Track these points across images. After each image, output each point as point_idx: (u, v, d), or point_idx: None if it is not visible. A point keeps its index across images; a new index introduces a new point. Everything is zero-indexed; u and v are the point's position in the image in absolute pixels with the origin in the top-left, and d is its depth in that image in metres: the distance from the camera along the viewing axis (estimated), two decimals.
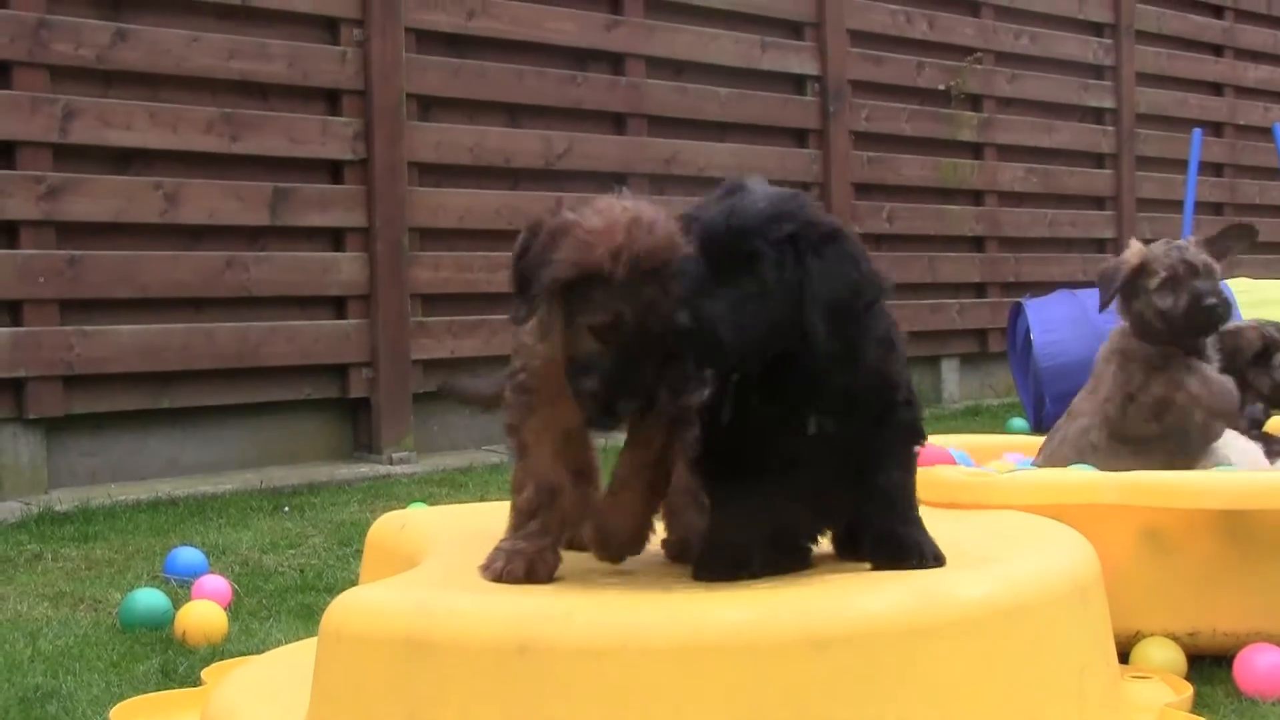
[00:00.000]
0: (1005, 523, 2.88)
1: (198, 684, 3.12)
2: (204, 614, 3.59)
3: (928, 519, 2.48)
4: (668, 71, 7.83)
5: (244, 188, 6.22)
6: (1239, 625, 3.12)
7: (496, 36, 7.08)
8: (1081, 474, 3.38)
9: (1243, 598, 3.13)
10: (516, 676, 2.13)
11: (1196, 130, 8.37)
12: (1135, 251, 3.88)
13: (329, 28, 6.57)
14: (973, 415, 8.40)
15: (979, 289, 9.42)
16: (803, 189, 2.80)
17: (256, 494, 5.74)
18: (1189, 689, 2.88)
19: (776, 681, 2.11)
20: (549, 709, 2.12)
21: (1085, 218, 10.17)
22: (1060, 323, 6.66)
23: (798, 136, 8.49)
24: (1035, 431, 6.37)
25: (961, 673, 2.24)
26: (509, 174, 7.14)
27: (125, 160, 5.95)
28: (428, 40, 6.86)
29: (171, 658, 3.40)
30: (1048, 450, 4.04)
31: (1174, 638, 3.11)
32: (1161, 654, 3.06)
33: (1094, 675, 2.50)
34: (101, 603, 4.01)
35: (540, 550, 2.43)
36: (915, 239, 8.97)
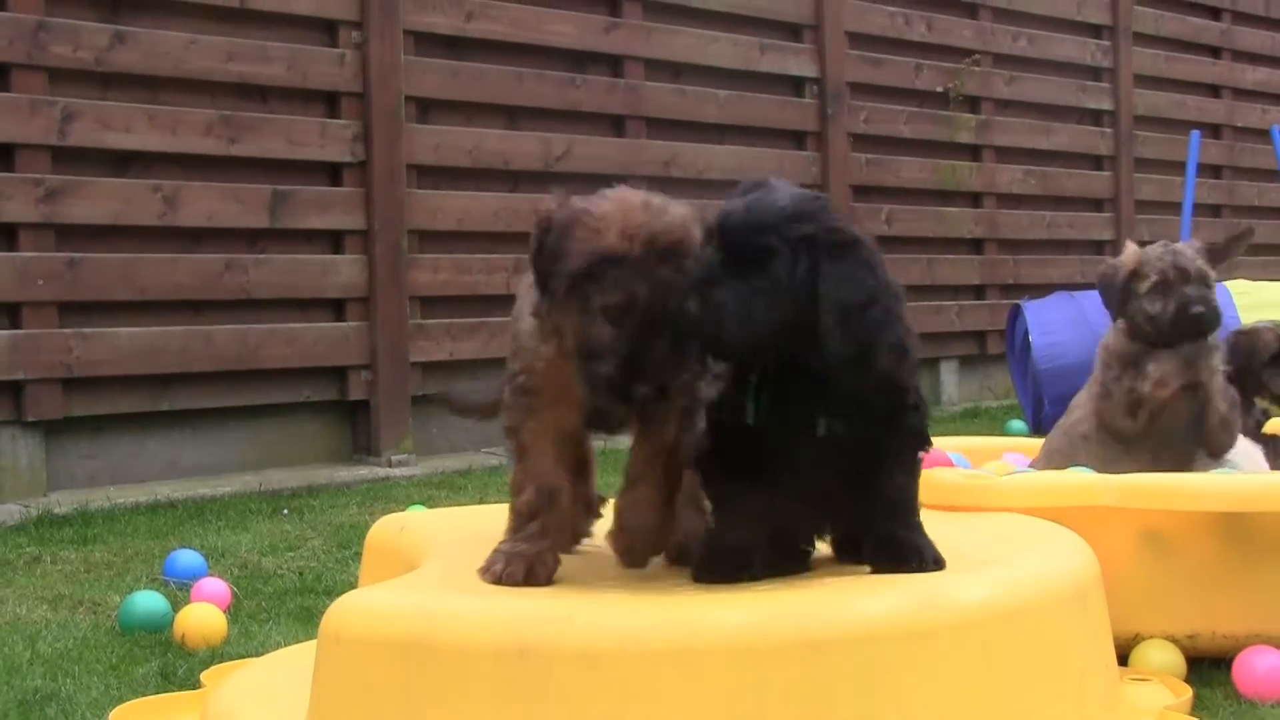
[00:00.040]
0: (1005, 525, 2.88)
1: (197, 686, 3.12)
2: (203, 616, 3.59)
3: (927, 521, 2.48)
4: (666, 74, 7.83)
5: (243, 190, 6.21)
6: (1238, 627, 3.12)
7: (495, 39, 7.08)
8: (1081, 476, 3.38)
9: (1242, 600, 3.13)
10: (516, 679, 2.13)
11: (1194, 132, 8.37)
12: (1130, 254, 3.88)
13: (328, 30, 6.57)
14: (971, 417, 8.40)
15: (978, 291, 9.42)
16: None
17: (256, 496, 5.74)
18: (1188, 691, 2.88)
19: (776, 684, 2.11)
20: (548, 712, 2.12)
21: (1084, 219, 10.18)
22: (1059, 325, 6.66)
23: (796, 138, 8.49)
24: (1034, 433, 6.37)
25: (961, 675, 2.24)
26: (508, 176, 7.13)
27: (124, 162, 5.95)
28: (426, 42, 6.86)
29: (171, 660, 3.40)
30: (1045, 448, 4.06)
31: (1173, 640, 3.10)
32: (1161, 656, 3.06)
33: (1093, 677, 2.51)
34: (101, 605, 4.00)
35: (540, 553, 2.43)
36: (914, 241, 8.96)
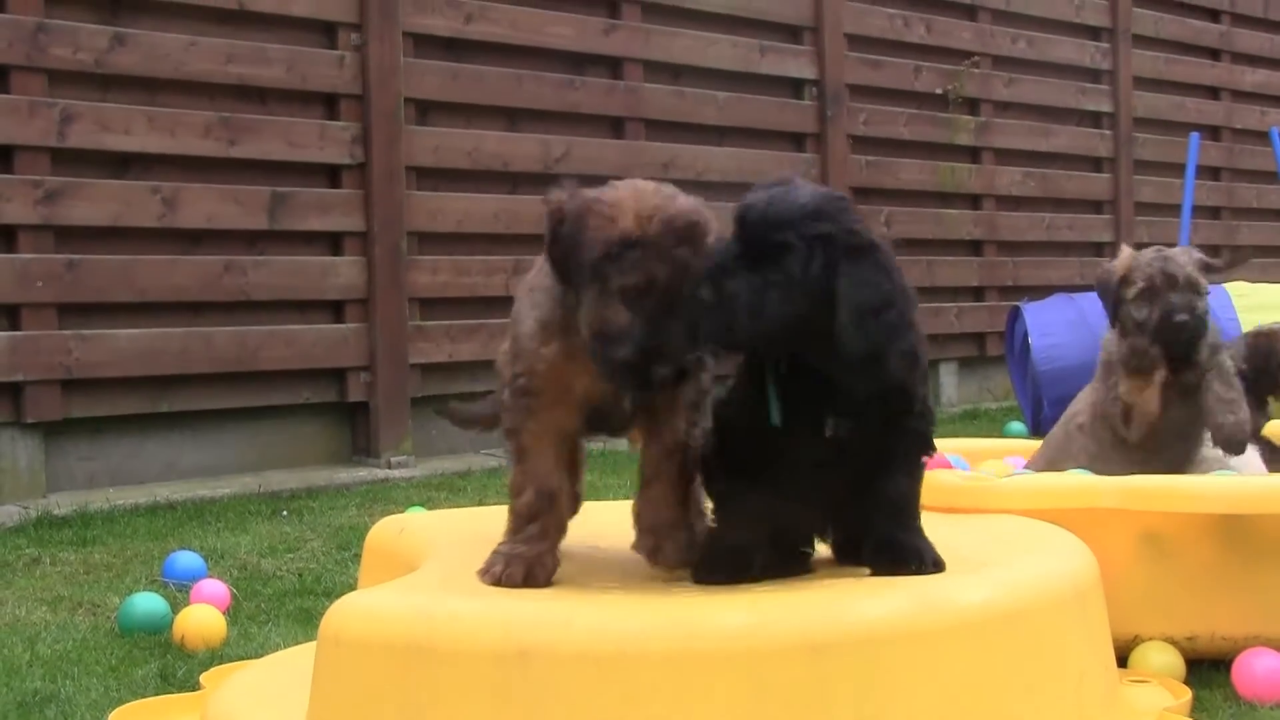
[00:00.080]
0: (1004, 527, 2.88)
1: (196, 688, 3.12)
2: (202, 618, 3.59)
3: (927, 523, 2.48)
4: (666, 75, 7.83)
5: (242, 192, 6.21)
6: (1237, 629, 3.12)
7: (494, 41, 7.08)
8: (1080, 478, 3.39)
9: (1241, 602, 3.13)
10: (516, 681, 2.13)
11: (1194, 134, 8.38)
12: (1122, 259, 3.88)
13: (327, 32, 6.57)
14: (971, 419, 8.40)
15: (977, 293, 9.43)
16: None
17: (255, 498, 5.74)
18: (1187, 693, 2.89)
19: (776, 686, 2.11)
20: (548, 714, 2.12)
21: (1083, 221, 10.18)
22: (1058, 326, 6.66)
23: (795, 140, 8.49)
24: (1033, 435, 6.38)
25: (960, 677, 2.24)
26: (507, 178, 7.13)
27: (123, 164, 5.95)
28: (426, 44, 6.86)
29: (170, 662, 3.40)
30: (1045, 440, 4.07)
31: (1172, 642, 3.11)
32: (1160, 658, 3.07)
33: (1092, 679, 2.51)
34: (100, 607, 4.00)
35: (539, 554, 2.43)
36: (913, 243, 8.96)
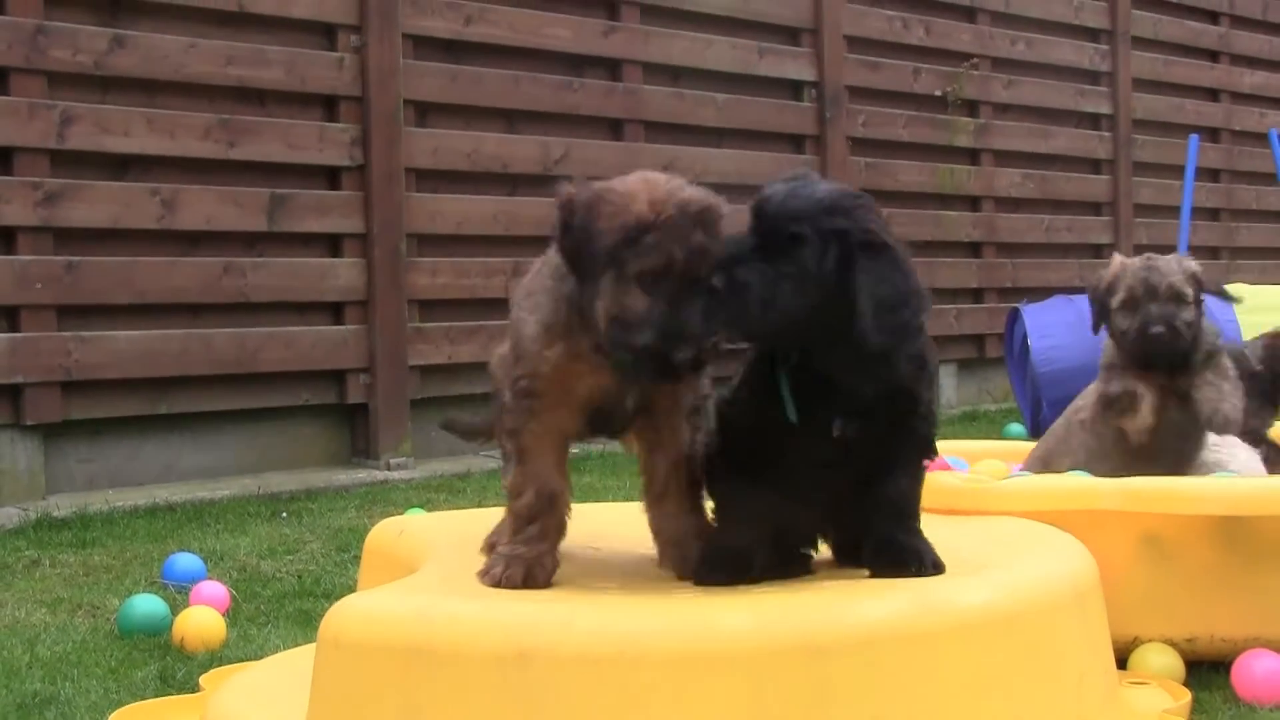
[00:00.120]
0: (1004, 529, 2.88)
1: (196, 690, 3.12)
2: (202, 620, 3.59)
3: (927, 525, 2.48)
4: (665, 77, 7.83)
5: (241, 193, 6.21)
6: (1237, 631, 3.12)
7: (493, 42, 7.08)
8: (1081, 480, 3.39)
9: (1241, 603, 3.13)
10: (516, 683, 2.13)
11: (1193, 136, 8.38)
12: (1112, 267, 3.87)
13: (326, 34, 6.57)
14: (970, 420, 8.40)
15: (976, 294, 9.43)
16: None
17: (254, 500, 5.73)
18: (1187, 695, 2.89)
19: (776, 688, 2.11)
20: (548, 716, 2.12)
21: (1082, 223, 10.18)
22: (1057, 328, 6.66)
23: (795, 142, 8.49)
24: (1032, 436, 6.37)
25: (960, 679, 2.24)
26: (506, 180, 7.13)
27: (123, 166, 5.95)
28: (425, 46, 6.86)
29: (170, 664, 3.40)
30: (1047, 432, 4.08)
31: (1172, 643, 3.11)
32: (1160, 660, 3.07)
33: (1092, 681, 2.51)
34: (99, 609, 4.00)
35: (539, 555, 2.43)
36: (912, 244, 8.70)
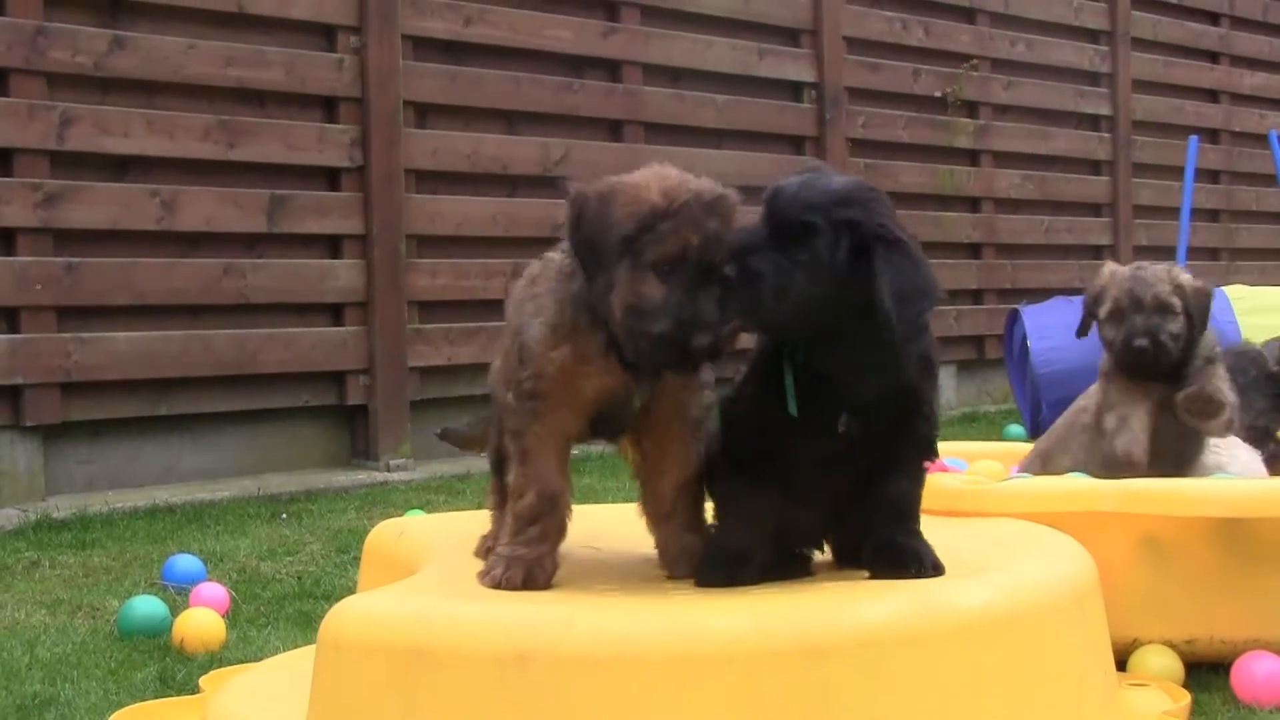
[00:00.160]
0: (1004, 531, 2.88)
1: (196, 692, 3.12)
2: (202, 621, 3.59)
3: (926, 527, 2.48)
4: (665, 78, 7.83)
5: (241, 195, 6.21)
6: (1236, 633, 3.12)
7: (493, 44, 7.08)
8: (1080, 482, 3.39)
9: (1240, 605, 3.13)
10: (515, 685, 2.13)
11: (1193, 137, 8.38)
12: (1102, 275, 3.86)
13: (326, 35, 6.57)
14: (970, 422, 8.40)
15: (976, 295, 9.43)
16: None
17: (254, 501, 5.73)
18: (1186, 697, 2.89)
19: (776, 689, 2.11)
20: (548, 717, 2.12)
21: (1082, 224, 10.18)
22: (1057, 329, 6.64)
23: (794, 143, 8.49)
24: (1032, 438, 6.36)
25: (960, 681, 2.24)
26: (506, 181, 7.13)
27: (122, 167, 5.95)
28: (425, 47, 6.86)
29: (169, 665, 3.40)
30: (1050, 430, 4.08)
31: (1172, 645, 3.11)
32: (1159, 661, 3.07)
33: (1091, 683, 2.51)
34: (99, 610, 4.00)
35: (539, 557, 2.43)
36: None
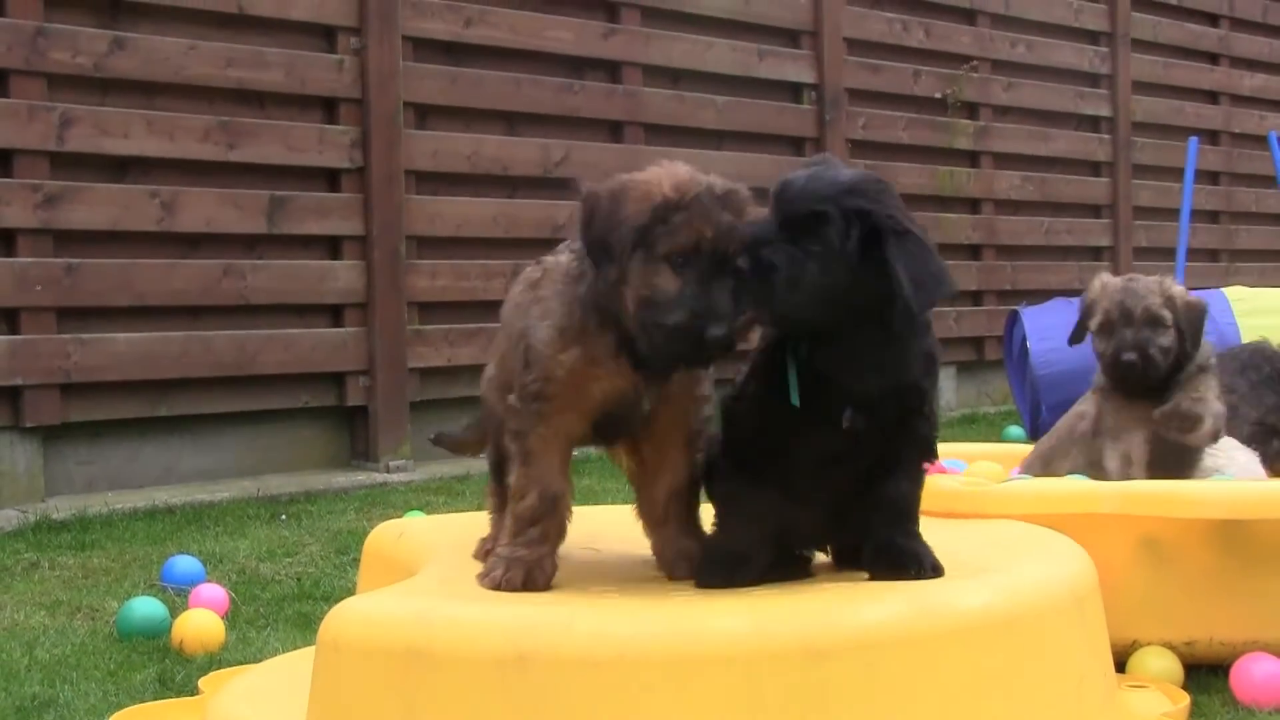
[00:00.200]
0: (1003, 533, 2.88)
1: (195, 693, 3.12)
2: (201, 623, 3.59)
3: (926, 528, 2.48)
4: (665, 80, 7.83)
5: (241, 196, 6.21)
6: (1236, 634, 3.12)
7: (494, 45, 7.08)
8: (1079, 484, 3.39)
9: (1240, 607, 3.14)
10: (515, 686, 2.13)
11: (1193, 139, 8.38)
12: (1093, 288, 3.85)
13: (326, 36, 6.57)
14: (969, 423, 8.40)
15: (975, 297, 9.42)
16: None
17: (253, 502, 5.73)
18: (1186, 698, 2.89)
19: (775, 691, 2.11)
20: (548, 718, 2.12)
21: (1082, 226, 10.18)
22: (1057, 331, 6.63)
23: (794, 145, 8.48)
24: (1031, 439, 6.37)
25: (959, 683, 2.24)
26: (506, 182, 7.13)
27: (122, 168, 5.95)
28: (425, 48, 6.86)
29: (169, 667, 3.40)
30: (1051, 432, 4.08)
31: (1171, 647, 3.11)
32: (1159, 663, 3.07)
33: (1091, 684, 2.51)
34: (98, 611, 4.00)
35: (539, 559, 2.43)
36: None
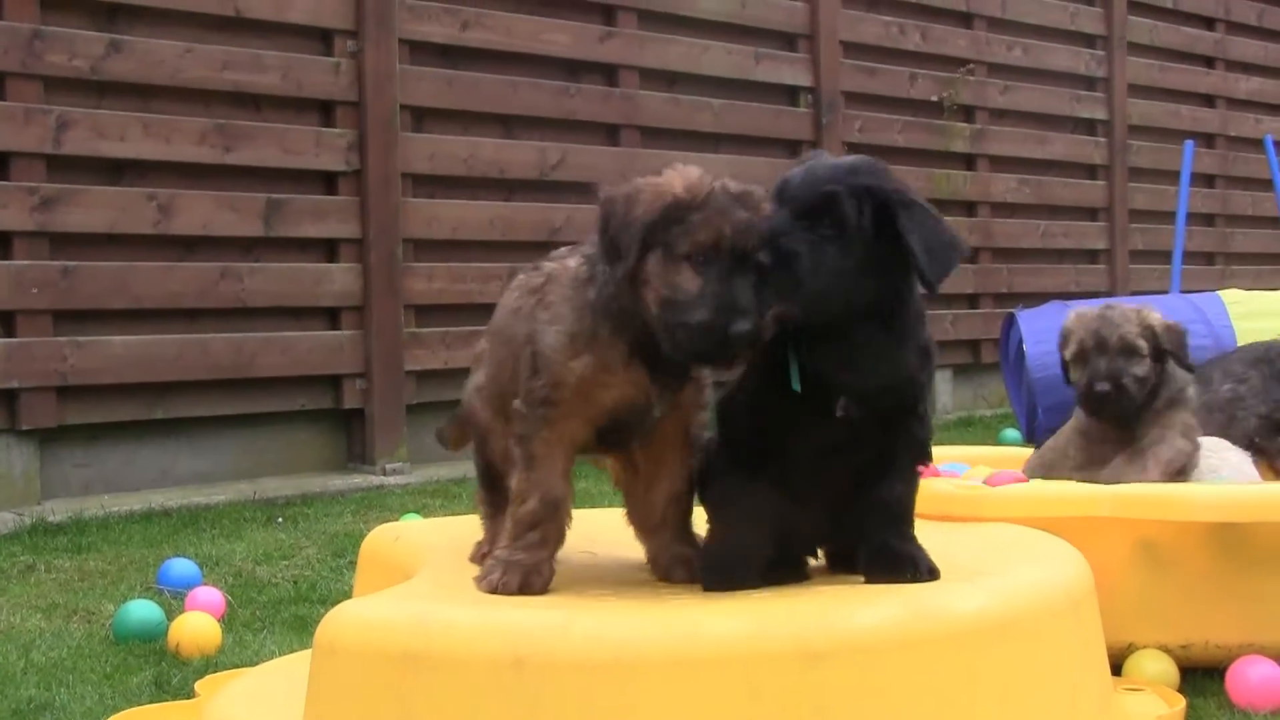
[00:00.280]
0: (999, 536, 2.88)
1: (191, 696, 3.12)
2: (197, 626, 3.59)
3: (921, 531, 2.48)
4: (661, 83, 7.84)
5: (238, 199, 6.21)
6: (1231, 637, 3.13)
7: (490, 48, 7.08)
8: (1076, 487, 3.39)
9: (1235, 610, 3.14)
10: (512, 689, 2.13)
11: (1188, 142, 8.39)
12: (1069, 317, 3.86)
13: (323, 39, 6.57)
14: (965, 426, 8.40)
15: (972, 300, 9.43)
16: None
17: (250, 505, 5.73)
18: (1181, 701, 2.89)
19: (771, 694, 2.12)
20: None
21: (1078, 229, 10.19)
22: (1053, 334, 6.58)
23: (791, 148, 8.47)
24: (1028, 442, 6.37)
25: (955, 686, 2.24)
26: (503, 185, 7.14)
27: (119, 171, 5.95)
28: (421, 51, 6.86)
29: (165, 670, 3.40)
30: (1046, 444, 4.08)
31: (1167, 650, 3.11)
32: (1154, 666, 3.07)
33: (1087, 688, 2.51)
34: (95, 614, 4.00)
35: (537, 562, 2.44)
36: None
